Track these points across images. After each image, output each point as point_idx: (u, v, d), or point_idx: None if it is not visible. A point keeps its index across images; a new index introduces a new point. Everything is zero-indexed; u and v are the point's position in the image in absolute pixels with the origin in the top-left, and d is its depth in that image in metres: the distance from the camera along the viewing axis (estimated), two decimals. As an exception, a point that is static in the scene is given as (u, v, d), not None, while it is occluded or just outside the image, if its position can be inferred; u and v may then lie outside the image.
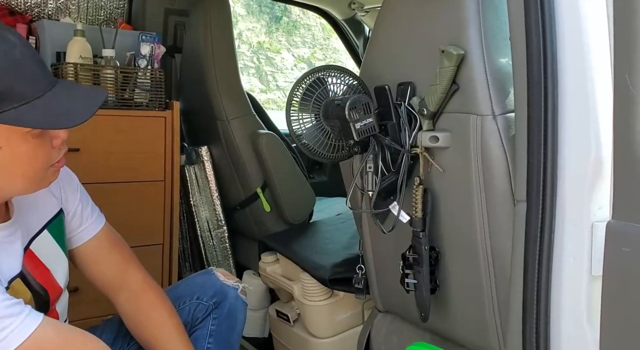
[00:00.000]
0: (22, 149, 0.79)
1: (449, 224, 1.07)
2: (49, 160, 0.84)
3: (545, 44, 0.77)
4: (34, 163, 0.81)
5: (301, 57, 16.47)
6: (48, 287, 0.95)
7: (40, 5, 1.96)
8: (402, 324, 1.31)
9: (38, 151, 0.81)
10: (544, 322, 0.80)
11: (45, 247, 0.97)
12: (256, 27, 14.99)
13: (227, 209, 2.03)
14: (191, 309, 1.14)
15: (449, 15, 0.99)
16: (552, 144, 0.78)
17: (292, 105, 1.01)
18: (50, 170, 0.85)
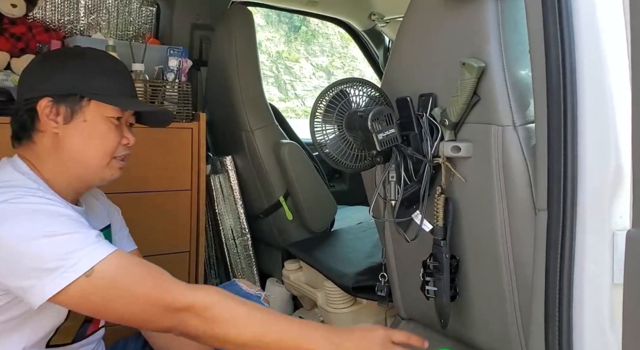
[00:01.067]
0: (101, 127, 0.97)
1: (470, 233, 1.09)
2: (115, 150, 0.99)
3: (564, 56, 0.80)
4: (104, 143, 0.98)
5: (319, 65, 16.54)
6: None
7: (73, 22, 2.04)
8: (424, 331, 1.32)
9: (110, 136, 0.98)
10: (567, 329, 0.81)
11: None
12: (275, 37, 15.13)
13: (251, 217, 2.08)
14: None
15: (470, 28, 1.02)
16: (572, 154, 0.80)
17: (315, 116, 1.05)
18: (112, 162, 1.00)
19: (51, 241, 0.81)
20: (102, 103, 0.96)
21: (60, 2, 2.00)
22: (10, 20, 1.81)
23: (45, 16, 1.97)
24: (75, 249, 0.81)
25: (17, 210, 0.83)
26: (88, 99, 0.95)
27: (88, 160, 0.97)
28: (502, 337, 1.08)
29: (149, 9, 2.21)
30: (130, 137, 1.03)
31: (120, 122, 1.00)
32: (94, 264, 0.81)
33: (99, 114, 0.97)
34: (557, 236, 0.81)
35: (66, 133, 0.95)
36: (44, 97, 0.93)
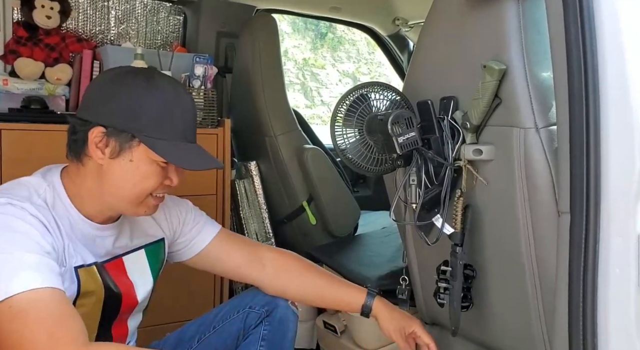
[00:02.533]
0: (144, 169, 0.95)
1: (492, 237, 1.08)
2: (154, 190, 0.97)
3: (586, 57, 0.79)
4: (143, 183, 0.96)
5: (346, 72, 16.52)
6: (123, 291, 1.04)
7: (104, 32, 2.11)
8: (448, 335, 1.31)
9: (152, 179, 0.96)
10: (591, 334, 0.80)
11: (137, 264, 1.09)
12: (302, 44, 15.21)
13: (275, 221, 2.10)
14: (244, 316, 1.20)
15: (491, 31, 1.02)
16: (595, 156, 0.79)
17: (336, 121, 1.06)
18: (149, 199, 0.98)
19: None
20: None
21: (92, 13, 2.08)
22: (45, 31, 1.88)
23: (77, 26, 2.04)
24: (5, 272, 0.80)
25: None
26: (139, 140, 0.93)
27: (124, 197, 0.96)
28: (526, 343, 1.06)
29: (176, 17, 2.27)
30: (174, 179, 0.98)
31: (168, 164, 0.97)
32: (8, 296, 0.78)
33: (147, 156, 0.94)
34: (580, 239, 0.80)
35: (110, 167, 0.94)
36: (97, 125, 0.93)
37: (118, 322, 1.07)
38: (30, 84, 1.83)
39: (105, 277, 1.01)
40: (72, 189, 0.97)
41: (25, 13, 1.85)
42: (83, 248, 0.97)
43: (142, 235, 1.12)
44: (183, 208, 1.20)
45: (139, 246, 1.10)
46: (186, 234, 1.18)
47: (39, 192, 0.93)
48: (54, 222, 0.92)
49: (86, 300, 0.97)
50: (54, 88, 1.88)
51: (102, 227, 1.01)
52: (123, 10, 2.15)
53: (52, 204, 0.94)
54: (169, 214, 1.17)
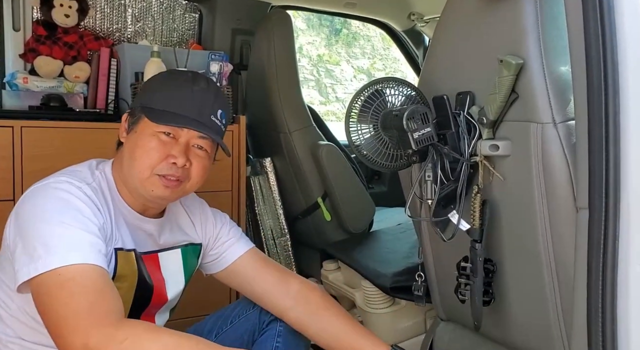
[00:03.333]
0: (146, 140, 0.99)
1: (509, 233, 1.07)
2: (156, 164, 0.98)
3: (605, 52, 0.77)
4: (145, 156, 0.98)
5: (361, 68, 16.45)
6: (156, 285, 1.06)
7: (121, 30, 2.13)
8: (464, 332, 1.30)
9: (153, 151, 0.98)
10: (611, 331, 0.79)
11: (171, 262, 1.11)
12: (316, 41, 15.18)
13: (290, 218, 2.10)
14: (258, 312, 1.20)
15: (508, 25, 1.00)
16: (614, 151, 0.77)
17: (350, 116, 1.06)
18: (154, 178, 0.99)
19: (51, 229, 0.87)
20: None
21: (109, 12, 2.10)
22: (64, 29, 1.91)
23: (95, 25, 2.07)
24: (62, 243, 0.85)
25: (45, 193, 0.92)
26: (142, 112, 1.01)
27: (132, 170, 1.00)
28: (544, 339, 1.05)
29: (192, 15, 2.28)
30: (179, 156, 0.98)
31: (177, 141, 0.99)
32: (62, 265, 0.83)
33: (149, 128, 0.99)
34: (599, 235, 0.79)
35: (127, 143, 1.03)
36: (126, 112, 1.06)
37: (146, 315, 1.09)
38: (50, 82, 1.86)
39: (141, 266, 1.03)
40: (117, 178, 1.03)
41: (44, 12, 1.88)
42: (127, 234, 1.02)
43: (181, 235, 1.14)
44: (220, 220, 1.21)
45: (176, 245, 1.12)
46: (219, 247, 1.19)
47: (94, 177, 1.01)
48: (105, 205, 0.98)
49: (120, 284, 0.99)
50: (72, 86, 1.91)
51: (146, 219, 1.05)
52: (140, 9, 2.16)
53: (104, 188, 1.01)
54: (204, 220, 1.19)
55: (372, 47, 16.61)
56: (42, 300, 0.85)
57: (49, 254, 0.84)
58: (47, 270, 0.83)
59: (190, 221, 1.17)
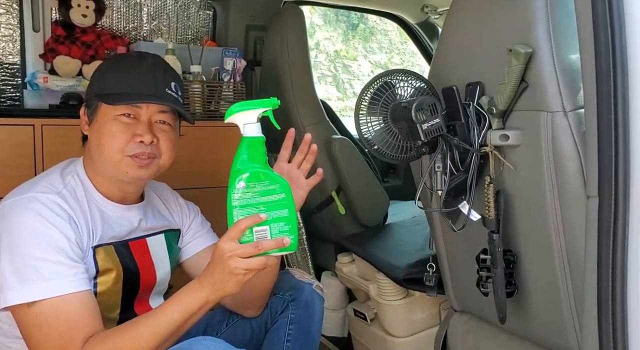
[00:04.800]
0: (108, 126, 1.01)
1: (523, 224, 1.07)
2: (125, 148, 1.01)
3: (614, 39, 0.77)
4: (111, 141, 1.00)
5: (378, 63, 16.34)
6: (142, 269, 1.09)
7: (137, 29, 2.17)
8: (478, 323, 1.30)
9: (117, 135, 1.00)
10: (621, 319, 0.78)
11: (157, 247, 1.15)
12: (333, 36, 15.11)
13: (305, 212, 2.11)
14: (268, 303, 1.22)
15: (517, 14, 1.00)
16: (624, 138, 0.77)
17: (360, 109, 1.06)
18: (127, 160, 1.01)
19: (21, 259, 0.89)
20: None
21: (125, 11, 2.14)
22: (82, 29, 1.95)
23: (112, 24, 2.11)
24: (33, 277, 0.89)
25: (16, 217, 0.93)
26: (98, 100, 1.02)
27: (103, 157, 1.02)
28: (558, 329, 1.05)
29: (206, 12, 2.31)
30: (144, 134, 1.01)
31: (139, 120, 1.02)
32: (32, 299, 0.88)
33: (108, 113, 1.01)
34: (609, 223, 0.79)
35: (90, 135, 1.04)
36: (83, 104, 1.07)
37: (139, 301, 1.11)
38: (69, 81, 1.90)
39: (124, 255, 1.06)
40: (90, 173, 1.05)
41: (62, 12, 1.92)
42: (107, 228, 1.04)
43: (162, 219, 1.17)
44: (192, 210, 1.26)
45: (160, 230, 1.16)
46: (190, 235, 1.23)
47: (66, 180, 1.02)
48: (78, 209, 0.99)
49: (105, 277, 1.03)
50: (90, 84, 1.95)
51: (127, 208, 1.08)
52: (155, 7, 2.20)
53: (77, 191, 1.02)
54: (179, 209, 1.23)
55: (389, 41, 16.50)
56: (18, 324, 0.92)
57: (20, 286, 0.88)
58: (18, 304, 0.89)
59: (166, 208, 1.21)
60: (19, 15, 1.91)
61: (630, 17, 0.77)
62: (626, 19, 0.77)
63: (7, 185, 1.55)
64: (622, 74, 0.77)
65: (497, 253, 1.03)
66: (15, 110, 1.82)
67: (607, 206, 0.78)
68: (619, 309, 0.78)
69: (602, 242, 0.80)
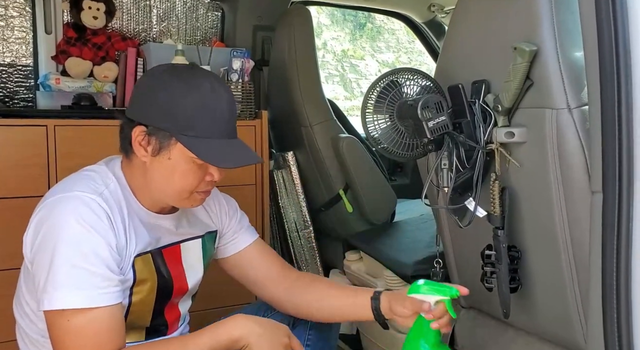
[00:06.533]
0: (183, 167, 0.98)
1: (529, 220, 1.08)
2: (196, 187, 1.01)
3: (617, 38, 0.78)
4: (184, 182, 1.00)
5: (385, 62, 16.30)
6: (175, 277, 1.10)
7: (147, 30, 2.20)
8: (485, 318, 1.32)
9: (191, 175, 0.99)
10: (625, 312, 0.79)
11: (192, 252, 1.15)
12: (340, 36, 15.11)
13: (313, 210, 2.13)
14: None
15: (522, 12, 1.01)
16: (627, 135, 0.78)
17: (367, 107, 1.08)
18: (194, 196, 1.03)
19: (60, 264, 0.90)
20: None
21: (135, 12, 2.17)
22: (92, 31, 1.99)
23: (122, 26, 2.14)
24: (69, 284, 0.89)
25: (63, 218, 0.92)
26: (175, 139, 0.96)
27: (167, 192, 1.01)
28: (564, 324, 1.06)
29: (215, 13, 2.34)
30: (215, 174, 1.01)
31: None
32: (65, 307, 0.89)
33: (184, 154, 0.97)
34: (613, 218, 0.80)
35: (152, 165, 0.99)
36: (140, 125, 0.97)
37: (170, 306, 1.13)
38: (80, 82, 1.94)
39: (159, 264, 1.07)
40: (130, 180, 1.04)
41: (74, 15, 1.96)
42: (143, 234, 1.03)
43: (200, 224, 1.17)
44: (232, 208, 1.24)
45: (197, 235, 1.16)
46: (231, 233, 1.23)
47: (107, 182, 1.01)
48: (117, 213, 0.98)
49: (141, 287, 1.04)
50: (101, 85, 1.98)
51: (162, 217, 1.07)
52: (164, 9, 2.23)
53: (118, 193, 1.01)
54: (219, 209, 1.22)
55: (396, 40, 16.44)
56: (48, 326, 0.93)
57: (55, 292, 0.89)
58: (52, 309, 0.89)
59: (205, 210, 1.20)
60: (31, 18, 1.95)
61: (634, 15, 0.78)
62: (630, 16, 0.78)
63: (20, 184, 1.59)
64: (626, 71, 0.77)
65: (502, 249, 1.05)
66: (28, 111, 1.85)
67: (611, 201, 0.80)
68: (623, 302, 0.79)
69: (606, 236, 0.81)
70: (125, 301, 1.00)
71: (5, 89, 1.93)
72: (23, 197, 1.60)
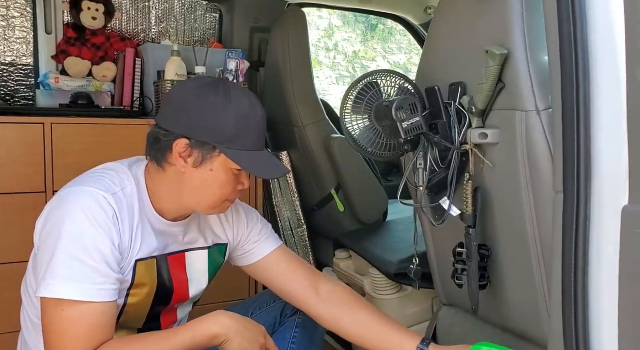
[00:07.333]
0: (223, 178, 1.03)
1: (501, 219, 1.11)
2: (229, 195, 1.06)
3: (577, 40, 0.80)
4: (221, 191, 1.04)
5: (397, 63, 16.29)
6: (177, 285, 1.13)
7: (146, 31, 2.25)
8: (464, 316, 1.34)
9: (228, 185, 1.04)
10: (582, 307, 0.82)
11: (197, 262, 1.16)
12: (352, 37, 15.12)
13: (307, 209, 2.17)
14: (280, 306, 1.29)
15: (495, 17, 1.04)
16: (585, 137, 0.80)
17: (345, 108, 1.11)
18: (225, 204, 1.07)
19: (62, 255, 0.93)
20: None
21: (134, 13, 2.22)
22: (92, 31, 2.04)
23: (121, 26, 2.19)
24: (67, 276, 0.92)
25: (71, 210, 0.95)
26: (219, 151, 1.00)
27: (203, 201, 1.05)
28: (534, 321, 1.09)
29: (213, 15, 2.38)
30: (246, 182, 1.06)
31: (241, 171, 1.04)
32: (63, 297, 0.92)
33: (225, 165, 1.01)
34: (572, 217, 0.82)
35: (192, 175, 1.02)
36: (182, 137, 0.99)
37: (168, 311, 1.16)
38: (79, 82, 1.99)
39: (162, 271, 1.09)
40: (151, 186, 1.06)
41: (74, 15, 2.01)
42: (151, 240, 1.06)
43: (210, 236, 1.19)
44: (251, 220, 1.25)
45: (204, 247, 1.17)
46: (249, 245, 1.23)
47: (125, 183, 1.03)
48: (127, 214, 1.01)
49: (139, 290, 1.06)
50: (100, 85, 2.03)
51: (172, 224, 1.09)
52: (163, 10, 2.27)
53: (132, 197, 1.03)
54: (237, 221, 1.23)
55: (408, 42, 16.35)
56: (42, 312, 0.96)
57: (54, 281, 0.92)
58: (48, 297, 0.92)
59: (219, 221, 1.20)
60: (32, 18, 2.00)
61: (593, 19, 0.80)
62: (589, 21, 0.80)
63: (18, 180, 1.64)
64: (584, 74, 0.80)
65: (473, 247, 1.08)
66: (26, 109, 1.91)
67: (570, 201, 0.82)
68: (581, 296, 0.81)
69: (565, 234, 0.83)
70: (120, 301, 1.03)
71: (6, 87, 1.99)
72: (20, 193, 1.65)
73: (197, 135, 1.00)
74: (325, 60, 8.52)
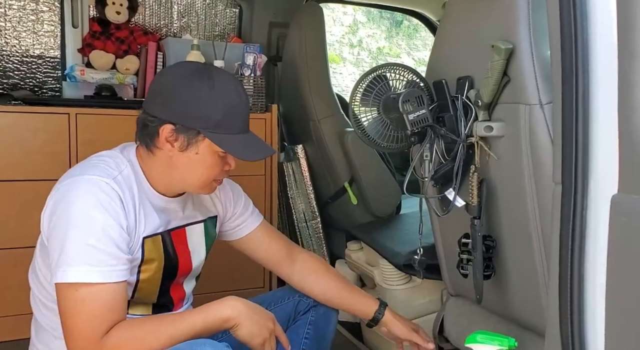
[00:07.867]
0: (209, 160, 1.07)
1: (505, 210, 1.13)
2: (216, 176, 1.11)
3: (577, 36, 0.82)
4: (208, 172, 1.09)
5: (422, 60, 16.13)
6: (181, 258, 1.19)
7: (168, 25, 2.31)
8: (471, 306, 1.36)
9: (215, 167, 1.09)
10: (578, 296, 0.84)
11: (195, 235, 1.23)
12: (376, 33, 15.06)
13: (321, 202, 2.21)
14: (295, 303, 1.34)
15: (502, 13, 1.06)
16: (583, 130, 0.82)
17: (354, 101, 1.14)
18: (212, 184, 1.12)
19: (74, 242, 0.96)
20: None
21: (157, 8, 2.28)
22: (116, 25, 2.11)
23: (144, 21, 2.26)
24: (80, 261, 0.96)
25: (76, 198, 0.98)
26: (204, 135, 1.04)
27: (191, 182, 1.10)
28: (536, 311, 1.11)
29: (233, 10, 2.43)
30: (232, 163, 1.11)
31: (226, 153, 1.08)
32: (78, 281, 0.95)
33: (210, 149, 1.05)
34: (569, 208, 0.84)
35: (178, 158, 1.06)
36: (168, 123, 1.03)
37: (175, 285, 1.22)
38: (103, 74, 2.06)
39: (167, 245, 1.15)
40: (144, 168, 1.11)
41: (99, 10, 2.08)
42: (154, 217, 1.11)
43: (203, 209, 1.25)
44: (236, 194, 1.31)
45: (200, 220, 1.24)
46: (236, 220, 1.30)
47: (121, 167, 1.07)
48: (129, 196, 1.06)
49: (149, 266, 1.12)
50: (123, 77, 2.10)
51: (170, 200, 1.15)
52: (184, 5, 2.33)
53: (130, 178, 1.08)
54: (224, 196, 1.29)
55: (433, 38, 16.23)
56: (57, 297, 0.99)
57: (68, 267, 0.96)
58: (64, 282, 0.96)
59: (209, 196, 1.26)
60: (60, 12, 2.08)
61: (594, 16, 0.82)
62: (589, 17, 0.82)
63: (44, 169, 1.72)
64: (583, 69, 0.82)
65: (478, 237, 1.10)
66: (52, 100, 1.99)
67: (568, 192, 0.84)
68: (576, 285, 0.83)
69: (563, 225, 0.85)
70: (132, 278, 1.09)
71: (35, 79, 2.07)
72: (45, 180, 1.71)
73: (182, 121, 1.03)
74: (349, 57, 8.49)
